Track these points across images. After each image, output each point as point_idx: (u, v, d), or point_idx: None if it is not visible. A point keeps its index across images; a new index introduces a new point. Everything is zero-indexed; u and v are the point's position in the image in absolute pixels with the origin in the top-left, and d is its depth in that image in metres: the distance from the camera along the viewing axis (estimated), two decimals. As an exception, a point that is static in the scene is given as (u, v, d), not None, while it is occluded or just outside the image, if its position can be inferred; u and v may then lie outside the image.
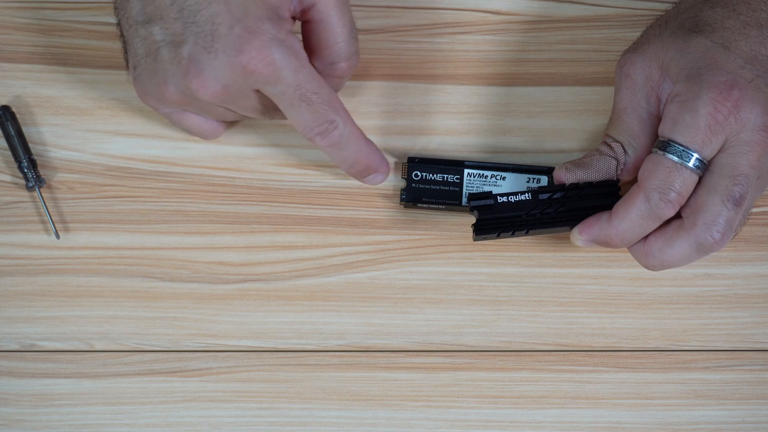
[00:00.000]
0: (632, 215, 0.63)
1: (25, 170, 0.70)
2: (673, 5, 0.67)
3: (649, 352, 0.72)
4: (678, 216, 0.63)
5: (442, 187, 0.70)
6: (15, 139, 0.70)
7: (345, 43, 0.64)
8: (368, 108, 0.72)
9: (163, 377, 0.71)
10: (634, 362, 0.72)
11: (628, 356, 0.72)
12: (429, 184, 0.70)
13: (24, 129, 0.71)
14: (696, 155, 0.61)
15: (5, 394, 0.71)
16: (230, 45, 0.60)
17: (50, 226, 0.71)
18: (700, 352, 0.72)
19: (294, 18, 0.64)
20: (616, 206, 0.64)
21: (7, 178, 0.71)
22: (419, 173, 0.70)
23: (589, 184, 0.66)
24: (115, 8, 0.64)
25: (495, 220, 0.66)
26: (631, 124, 0.65)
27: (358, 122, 0.67)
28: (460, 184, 0.70)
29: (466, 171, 0.70)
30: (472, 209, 0.66)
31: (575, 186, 0.66)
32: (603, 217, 0.65)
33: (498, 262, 0.72)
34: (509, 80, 0.72)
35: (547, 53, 0.72)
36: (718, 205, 0.61)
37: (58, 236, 0.71)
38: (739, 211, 0.62)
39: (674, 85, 0.62)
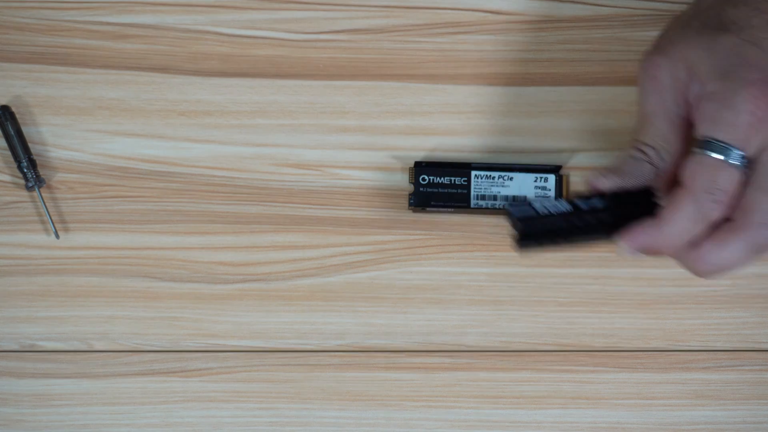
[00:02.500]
0: (681, 219, 0.62)
1: (25, 170, 0.70)
2: (691, 5, 0.66)
3: (650, 352, 0.72)
4: (725, 219, 0.62)
5: (449, 190, 0.70)
6: (15, 139, 0.70)
7: None
8: (368, 108, 0.72)
9: (163, 377, 0.71)
10: (634, 362, 0.72)
11: (629, 356, 0.72)
12: (437, 188, 0.70)
13: (24, 129, 0.71)
14: (739, 152, 0.60)
15: (5, 394, 0.71)
16: None
17: (50, 226, 0.71)
18: (700, 352, 0.72)
19: None
20: (663, 211, 0.62)
21: (7, 178, 0.72)
22: (426, 177, 0.70)
23: (626, 191, 0.64)
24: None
25: (538, 231, 0.64)
26: (662, 127, 0.64)
27: (359, 122, 0.67)
28: (468, 186, 0.70)
29: (473, 173, 0.70)
30: (512, 221, 0.64)
31: (613, 194, 0.64)
32: (649, 223, 0.63)
33: (498, 262, 0.72)
34: (509, 80, 0.72)
35: (547, 53, 0.72)
36: None
37: (58, 236, 0.71)
38: None
39: (706, 84, 0.62)
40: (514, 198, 0.70)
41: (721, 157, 0.61)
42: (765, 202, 0.61)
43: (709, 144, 0.61)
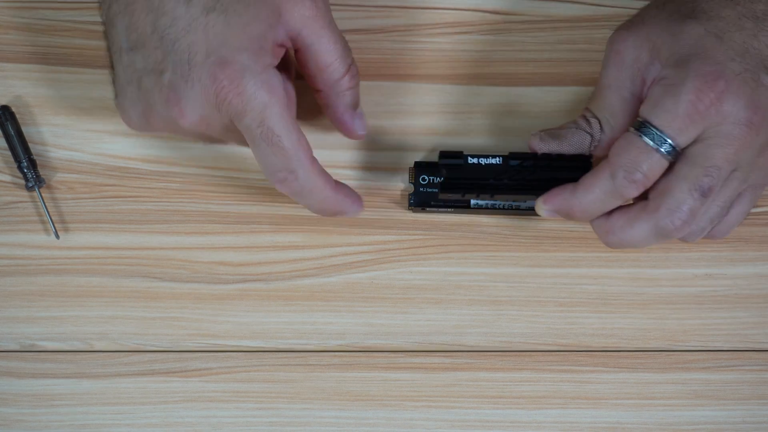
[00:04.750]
0: (596, 190, 0.63)
1: (25, 170, 0.70)
2: None
3: (649, 352, 0.72)
4: (645, 198, 0.63)
5: None
6: (15, 139, 0.70)
7: (340, 60, 0.64)
8: (368, 108, 0.71)
9: (163, 377, 0.71)
10: (634, 362, 0.72)
11: (628, 356, 0.72)
12: (437, 188, 0.70)
13: (24, 129, 0.71)
14: (670, 141, 0.61)
15: (5, 394, 0.71)
16: (205, 74, 0.60)
17: (50, 226, 0.71)
18: (700, 353, 0.72)
19: (284, 47, 0.63)
20: (582, 179, 0.64)
21: (7, 178, 0.71)
22: (426, 177, 0.70)
23: (560, 156, 0.66)
24: (104, 34, 0.64)
25: (462, 180, 0.66)
26: (612, 101, 0.64)
27: (358, 122, 0.67)
28: None
29: None
30: (440, 167, 0.66)
31: (547, 156, 0.66)
32: (568, 188, 0.64)
33: (498, 262, 0.72)
34: (509, 80, 0.72)
35: (547, 53, 0.72)
36: (684, 193, 0.61)
37: (57, 236, 0.71)
38: (705, 202, 0.61)
39: (662, 68, 0.62)
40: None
41: (651, 143, 0.61)
42: (679, 190, 0.61)
43: (644, 127, 0.61)
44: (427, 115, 0.72)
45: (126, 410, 0.71)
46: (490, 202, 0.70)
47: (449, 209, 0.70)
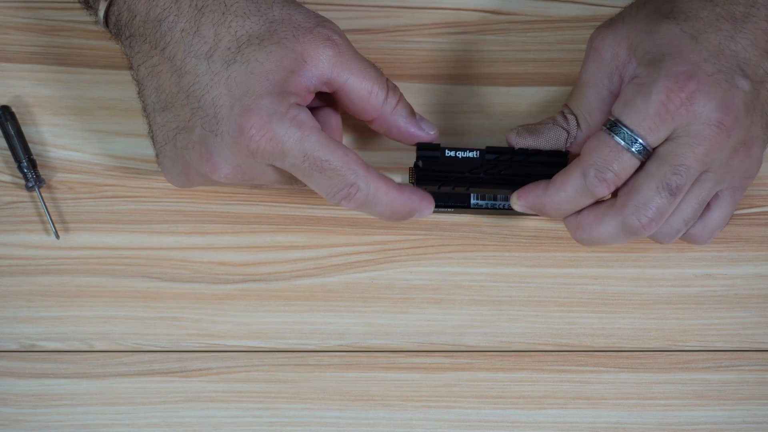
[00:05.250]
0: (568, 188, 0.63)
1: (25, 170, 0.70)
2: None
3: (649, 352, 0.72)
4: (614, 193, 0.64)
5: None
6: (15, 139, 0.70)
7: (377, 83, 0.64)
8: (368, 108, 0.71)
9: (163, 377, 0.71)
10: (634, 362, 0.72)
11: (628, 356, 0.72)
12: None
13: (24, 129, 0.71)
14: (640, 140, 0.61)
15: (5, 394, 0.71)
16: (232, 126, 0.60)
17: (50, 226, 0.71)
18: (700, 353, 0.72)
19: (313, 93, 0.62)
20: (555, 177, 0.64)
21: (7, 178, 0.71)
22: None
23: (537, 152, 0.66)
24: (138, 95, 0.64)
25: (438, 172, 0.66)
26: (590, 99, 0.64)
27: (358, 122, 0.67)
28: None
29: None
30: (417, 159, 0.66)
31: (523, 151, 0.66)
32: (542, 185, 0.65)
33: (498, 262, 0.72)
34: (509, 80, 0.72)
35: (547, 53, 0.72)
36: (651, 191, 0.61)
37: (57, 236, 0.71)
38: (673, 201, 0.61)
39: (637, 67, 0.62)
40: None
41: (622, 143, 0.61)
42: (647, 188, 0.61)
43: (616, 126, 0.62)
44: (427, 115, 0.72)
45: (126, 410, 0.71)
46: (490, 202, 0.70)
47: (449, 209, 0.70)
